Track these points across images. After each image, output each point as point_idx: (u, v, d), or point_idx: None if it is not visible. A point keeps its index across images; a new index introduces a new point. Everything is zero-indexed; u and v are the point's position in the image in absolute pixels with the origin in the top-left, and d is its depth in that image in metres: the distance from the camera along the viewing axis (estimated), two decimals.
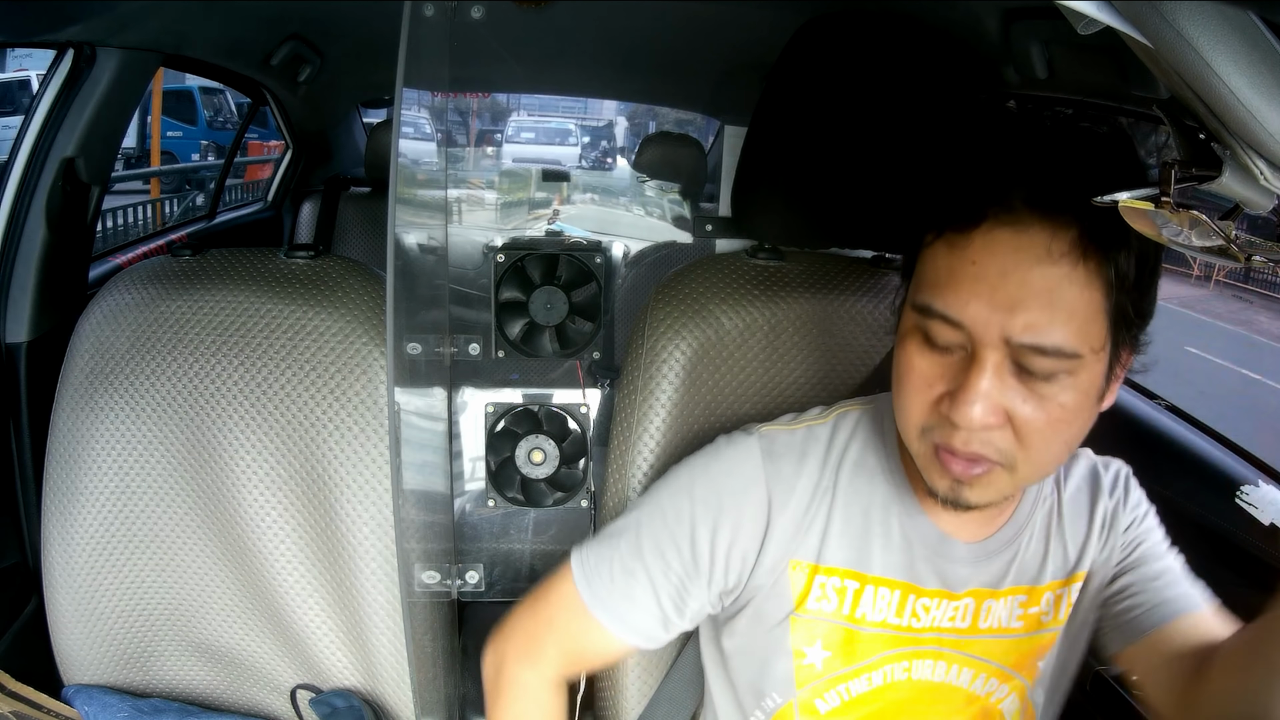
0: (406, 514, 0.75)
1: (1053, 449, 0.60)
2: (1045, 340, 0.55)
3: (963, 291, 0.57)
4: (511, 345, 1.16)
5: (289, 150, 2.34)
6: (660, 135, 2.27)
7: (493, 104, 4.84)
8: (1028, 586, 0.70)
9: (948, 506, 0.62)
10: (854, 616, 0.69)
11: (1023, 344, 0.55)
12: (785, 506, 0.69)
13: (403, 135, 0.68)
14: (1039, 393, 0.57)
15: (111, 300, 0.93)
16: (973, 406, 0.56)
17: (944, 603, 0.69)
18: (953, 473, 0.60)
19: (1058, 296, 0.55)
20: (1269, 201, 0.48)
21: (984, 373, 0.56)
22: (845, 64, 0.84)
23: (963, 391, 0.57)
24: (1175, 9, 0.36)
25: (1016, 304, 0.55)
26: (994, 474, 0.60)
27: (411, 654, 0.77)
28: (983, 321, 0.56)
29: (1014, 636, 0.70)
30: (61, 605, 0.93)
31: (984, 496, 0.61)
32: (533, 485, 1.18)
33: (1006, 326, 0.55)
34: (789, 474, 0.69)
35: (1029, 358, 0.56)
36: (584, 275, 1.16)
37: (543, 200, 2.27)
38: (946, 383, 0.59)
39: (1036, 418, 0.57)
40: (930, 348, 0.59)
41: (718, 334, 0.86)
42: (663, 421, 0.86)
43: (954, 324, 0.57)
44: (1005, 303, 0.55)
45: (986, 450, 0.58)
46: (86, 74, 1.07)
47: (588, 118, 9.26)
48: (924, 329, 0.60)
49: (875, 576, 0.69)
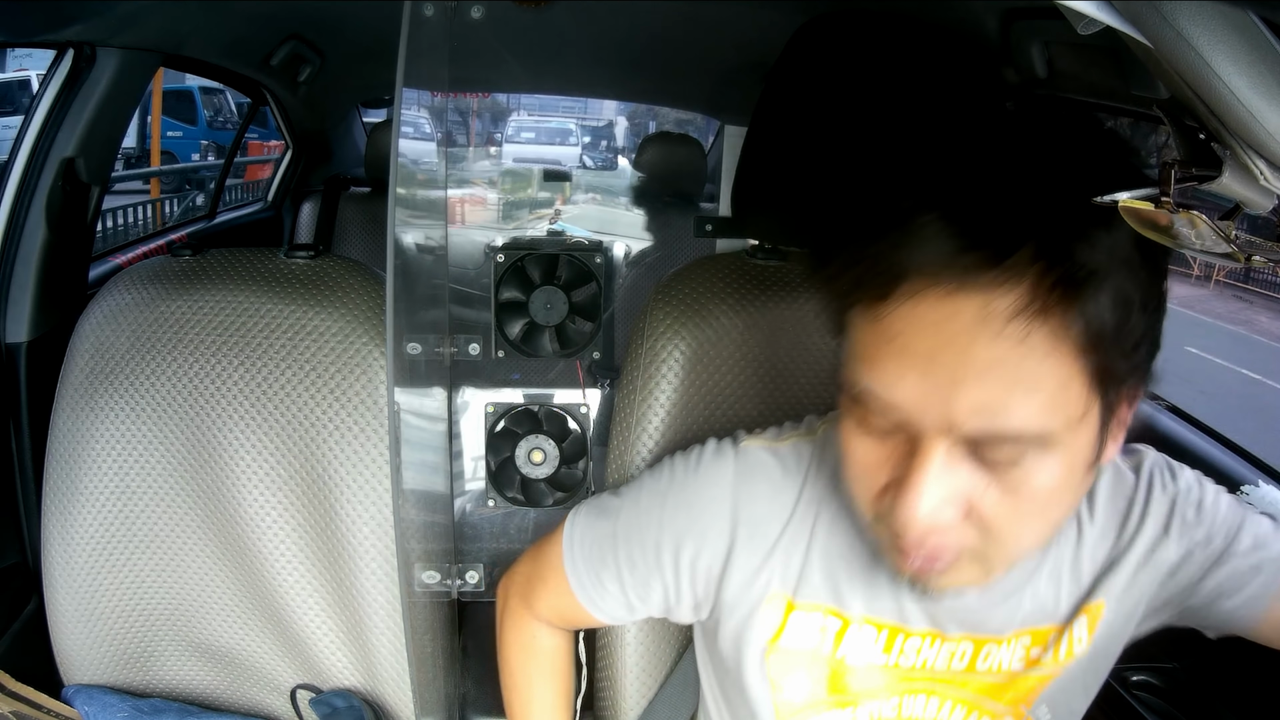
0: (406, 514, 0.75)
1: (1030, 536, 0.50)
2: (1001, 426, 0.44)
3: (890, 370, 0.46)
4: (511, 345, 1.16)
5: (289, 150, 2.34)
6: (660, 135, 2.27)
7: (493, 104, 4.84)
8: (1034, 629, 0.62)
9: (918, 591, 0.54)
10: (834, 656, 0.63)
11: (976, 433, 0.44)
12: (752, 531, 0.63)
13: (403, 135, 0.68)
14: (1005, 479, 0.46)
15: (111, 300, 0.93)
16: (918, 504, 0.46)
17: (937, 643, 0.62)
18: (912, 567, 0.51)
19: (1010, 371, 0.43)
20: (1269, 201, 0.48)
21: (928, 464, 0.45)
22: (845, 64, 0.84)
23: (905, 487, 0.46)
24: (1175, 9, 0.36)
25: (956, 384, 0.43)
26: (960, 565, 0.50)
27: (411, 654, 0.77)
28: (918, 405, 0.45)
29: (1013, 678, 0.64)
30: (61, 605, 0.93)
31: (955, 582, 0.52)
32: (533, 485, 1.18)
33: (948, 413, 0.44)
34: (762, 495, 0.64)
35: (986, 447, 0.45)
36: (584, 275, 1.16)
37: (544, 200, 2.27)
38: (890, 470, 0.48)
39: (1003, 509, 0.47)
40: (868, 431, 0.49)
41: (718, 334, 0.86)
42: (662, 421, 0.86)
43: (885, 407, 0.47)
44: (943, 384, 0.44)
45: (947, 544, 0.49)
46: (86, 74, 1.07)
47: (588, 117, 9.25)
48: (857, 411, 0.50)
49: (861, 616, 0.62)
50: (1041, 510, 0.48)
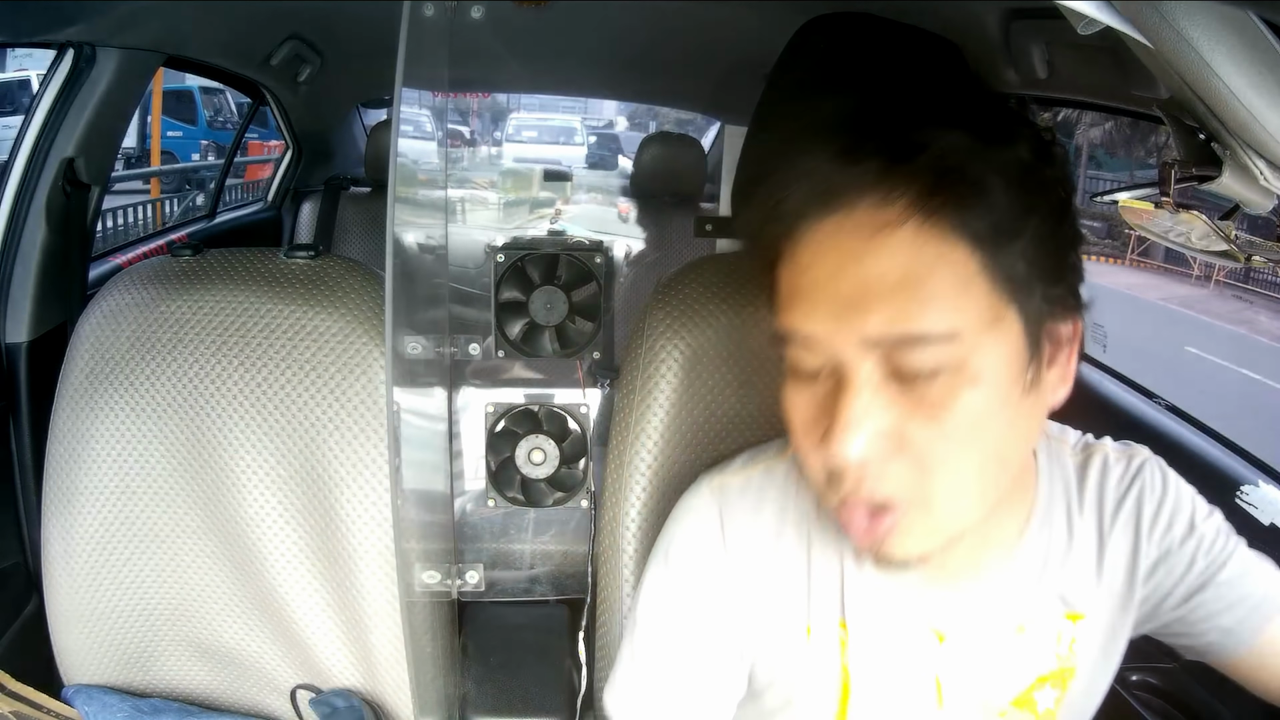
0: (406, 514, 0.75)
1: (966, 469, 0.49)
2: (911, 328, 0.46)
3: (804, 302, 0.49)
4: (511, 345, 1.16)
5: (289, 150, 2.34)
6: (660, 135, 2.27)
7: (493, 103, 4.83)
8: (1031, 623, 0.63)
9: (881, 567, 0.54)
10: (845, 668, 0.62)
11: (886, 338, 0.46)
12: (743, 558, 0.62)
13: (403, 135, 0.68)
14: (928, 401, 0.47)
15: (111, 300, 0.93)
16: (848, 435, 0.47)
17: (938, 644, 0.62)
18: (858, 534, 0.51)
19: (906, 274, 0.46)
20: (1269, 201, 0.48)
21: (852, 391, 0.47)
22: (845, 64, 0.84)
23: (835, 423, 0.48)
24: (1175, 9, 0.36)
25: (861, 297, 0.47)
26: (907, 520, 0.50)
27: (411, 654, 0.77)
28: (831, 329, 0.48)
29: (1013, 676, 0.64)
30: (61, 605, 0.93)
31: (908, 548, 0.51)
32: (533, 485, 1.18)
33: (860, 327, 0.47)
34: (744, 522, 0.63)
35: (902, 357, 0.47)
36: (584, 275, 1.16)
37: (545, 200, 2.27)
38: (825, 417, 0.49)
39: (930, 430, 0.47)
40: (801, 381, 0.51)
41: (718, 334, 0.86)
42: (662, 421, 0.86)
43: (808, 341, 0.49)
44: (849, 300, 0.47)
45: (883, 486, 0.49)
46: (86, 74, 1.07)
47: (588, 117, 9.22)
48: (790, 362, 0.52)
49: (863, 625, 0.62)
50: (971, 437, 0.48)
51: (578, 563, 1.17)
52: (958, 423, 0.47)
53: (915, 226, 0.46)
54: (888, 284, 0.46)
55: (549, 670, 1.01)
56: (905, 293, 0.46)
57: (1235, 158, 0.43)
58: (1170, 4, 0.36)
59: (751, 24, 1.16)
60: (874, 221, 0.47)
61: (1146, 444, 0.66)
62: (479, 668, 1.02)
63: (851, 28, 0.86)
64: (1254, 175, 0.42)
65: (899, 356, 0.47)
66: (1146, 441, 0.66)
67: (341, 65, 1.83)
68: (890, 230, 0.46)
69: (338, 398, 0.89)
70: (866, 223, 0.47)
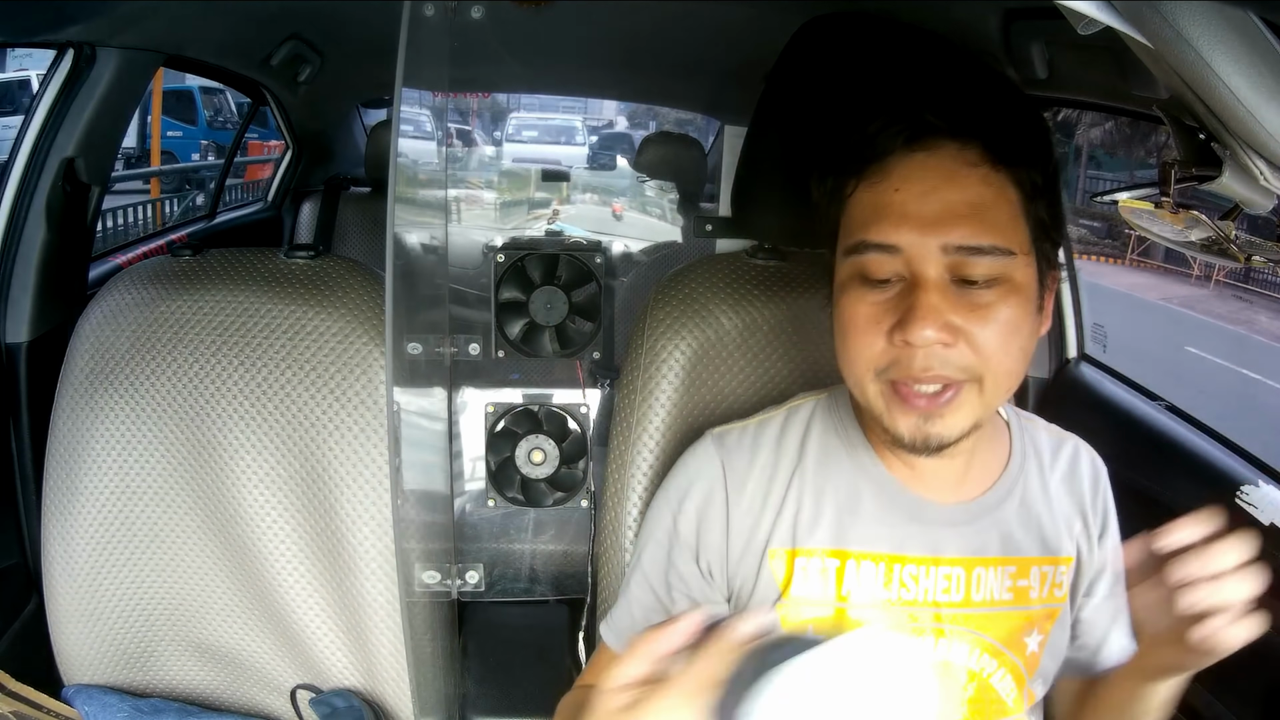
0: (406, 514, 0.75)
1: (1010, 358, 0.61)
2: (979, 240, 0.58)
3: (893, 216, 0.60)
4: (511, 345, 1.16)
5: (289, 150, 2.34)
6: (660, 135, 2.27)
7: (493, 103, 4.83)
8: (1016, 558, 0.70)
9: (917, 450, 0.62)
10: (841, 595, 0.68)
11: (961, 246, 0.58)
12: (741, 493, 0.71)
13: (402, 135, 0.68)
14: (981, 303, 0.59)
15: (111, 300, 0.93)
16: (924, 320, 0.58)
17: (931, 570, 0.68)
18: (918, 408, 0.61)
19: (980, 201, 0.59)
20: (1269, 201, 0.49)
21: (928, 289, 0.59)
22: (845, 65, 0.84)
23: (911, 311, 0.58)
24: (1175, 9, 0.36)
25: (945, 214, 0.59)
26: (963, 394, 0.61)
27: (411, 654, 0.77)
28: (918, 239, 0.59)
29: (1004, 609, 0.70)
30: (61, 605, 0.93)
31: (954, 424, 0.61)
32: (533, 485, 1.18)
33: (942, 235, 0.58)
34: (742, 465, 0.71)
35: (967, 264, 0.59)
36: (584, 275, 1.16)
37: (542, 200, 2.27)
38: (893, 315, 0.60)
39: (984, 328, 0.59)
40: (869, 287, 0.61)
41: (718, 334, 0.86)
42: (662, 421, 0.86)
43: (890, 249, 0.60)
44: (934, 216, 0.59)
45: (948, 370, 0.60)
46: (86, 74, 1.07)
47: (588, 117, 9.19)
48: (860, 270, 0.62)
49: (856, 552, 0.68)
50: (1009, 333, 0.60)
51: (578, 563, 1.17)
52: (1002, 321, 0.60)
53: (986, 169, 0.59)
54: (966, 206, 0.59)
55: (549, 670, 1.01)
56: (976, 215, 0.59)
57: (1235, 158, 0.43)
58: (1170, 4, 0.36)
59: (751, 24, 1.16)
60: (955, 160, 0.59)
61: (1146, 444, 0.67)
62: (479, 668, 1.02)
63: (851, 28, 0.86)
64: (1254, 175, 0.42)
65: (964, 265, 0.59)
66: (1147, 441, 0.67)
67: (341, 65, 1.82)
68: (968, 169, 0.59)
69: (338, 398, 0.89)
70: (949, 160, 0.59)
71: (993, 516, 0.69)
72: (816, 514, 0.69)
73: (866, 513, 0.69)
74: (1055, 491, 0.72)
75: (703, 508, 0.71)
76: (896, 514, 0.68)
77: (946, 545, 0.68)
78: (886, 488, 0.69)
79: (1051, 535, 0.71)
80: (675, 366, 0.85)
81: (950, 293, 0.59)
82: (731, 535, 0.71)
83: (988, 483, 0.70)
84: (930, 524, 0.68)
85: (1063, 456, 0.74)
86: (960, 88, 0.62)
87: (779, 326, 0.87)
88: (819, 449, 0.71)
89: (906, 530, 0.68)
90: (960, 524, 0.69)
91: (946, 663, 0.69)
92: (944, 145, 0.60)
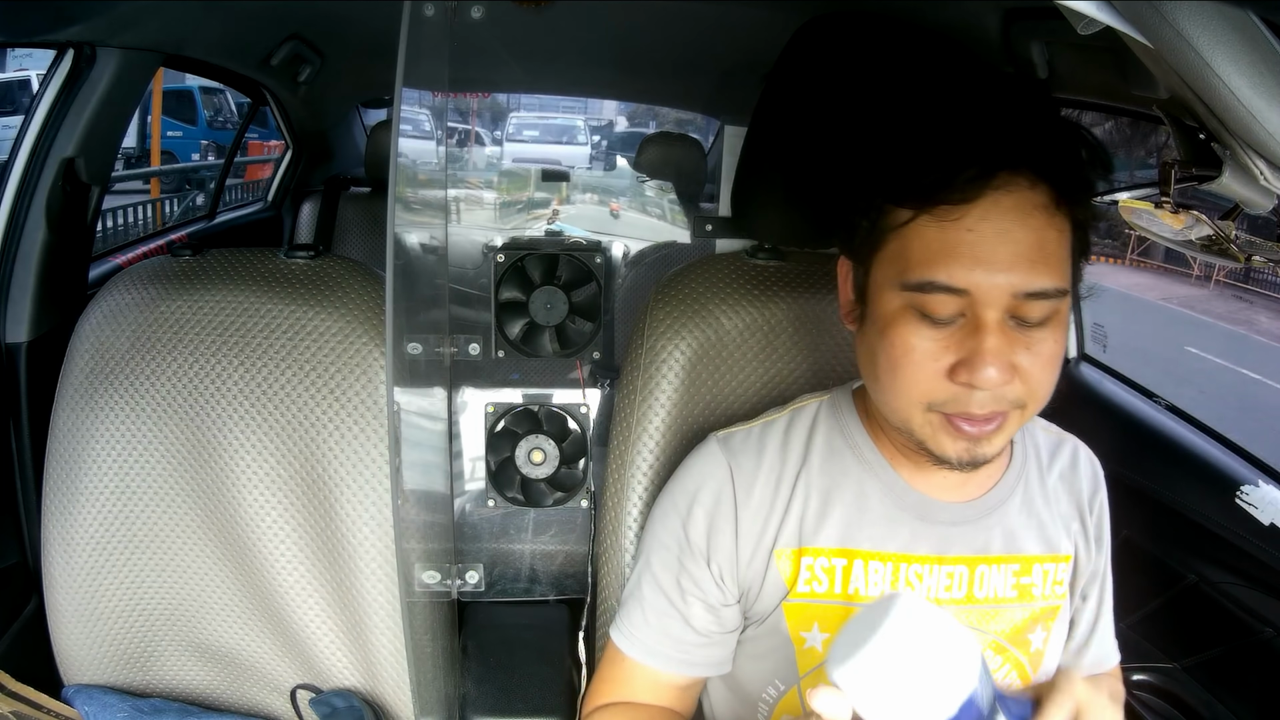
0: (406, 514, 0.75)
1: (1050, 385, 0.63)
2: (1044, 284, 0.58)
3: (964, 259, 0.59)
4: (511, 345, 1.16)
5: (289, 150, 2.34)
6: (660, 135, 2.27)
7: (493, 103, 4.82)
8: (1019, 556, 0.71)
9: (961, 468, 0.64)
10: (847, 593, 0.69)
11: (1028, 293, 0.58)
12: (749, 495, 0.71)
13: (403, 135, 0.68)
14: (1033, 339, 0.60)
15: (111, 300, 0.93)
16: (989, 368, 0.58)
17: (936, 569, 0.69)
18: (968, 434, 0.61)
19: (1044, 243, 0.59)
20: (1269, 201, 0.49)
21: (992, 331, 0.59)
22: (845, 64, 0.84)
23: (978, 357, 0.59)
24: (1175, 9, 0.36)
25: (1016, 258, 0.58)
26: (1009, 419, 0.62)
27: (411, 654, 0.77)
28: (987, 283, 0.58)
29: (1009, 606, 0.71)
30: (61, 605, 0.93)
31: (998, 444, 0.63)
32: (533, 485, 1.18)
33: (1012, 282, 0.58)
34: (749, 466, 0.72)
35: (1027, 308, 0.59)
36: (584, 275, 1.16)
37: (542, 200, 2.27)
38: (953, 354, 0.60)
39: (1036, 363, 0.60)
40: (928, 324, 0.61)
41: (718, 334, 0.86)
42: (662, 421, 0.86)
43: (957, 292, 0.59)
44: (1006, 260, 0.58)
45: (1003, 405, 0.61)
46: (86, 74, 1.07)
47: (588, 117, 9.15)
48: (919, 306, 0.61)
49: (864, 551, 0.69)
50: (1052, 365, 0.61)
51: (578, 563, 1.17)
52: (1049, 355, 0.61)
53: (1053, 209, 0.59)
54: (1034, 251, 0.58)
55: (549, 670, 1.01)
56: (1042, 259, 0.58)
57: (1235, 158, 0.43)
58: (1170, 4, 0.36)
59: (751, 24, 1.16)
60: (1028, 201, 0.58)
61: (1146, 444, 0.67)
62: (479, 668, 1.02)
63: (852, 27, 0.86)
64: (1254, 175, 0.42)
65: (1024, 306, 0.59)
66: (1147, 441, 0.67)
67: (341, 65, 1.82)
68: (1039, 210, 0.59)
69: (338, 398, 0.89)
70: (1023, 201, 0.58)
71: (996, 515, 0.71)
72: (824, 514, 0.70)
73: (874, 512, 0.70)
74: (1055, 490, 0.73)
75: (712, 512, 0.72)
76: (904, 513, 0.69)
77: (952, 544, 0.69)
78: (894, 488, 0.70)
79: (1052, 533, 0.72)
80: (675, 366, 0.85)
81: (1010, 333, 0.59)
82: (741, 538, 0.71)
83: (991, 482, 0.71)
84: (937, 523, 0.69)
85: (1062, 455, 0.75)
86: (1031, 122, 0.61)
87: (779, 326, 0.87)
88: (824, 450, 0.72)
89: (914, 529, 0.69)
90: (965, 522, 0.70)
91: None
92: (1018, 184, 0.58)
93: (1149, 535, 1.00)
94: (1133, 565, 0.98)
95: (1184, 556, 0.97)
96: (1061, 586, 0.72)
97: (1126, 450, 1.04)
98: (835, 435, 0.72)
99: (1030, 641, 0.71)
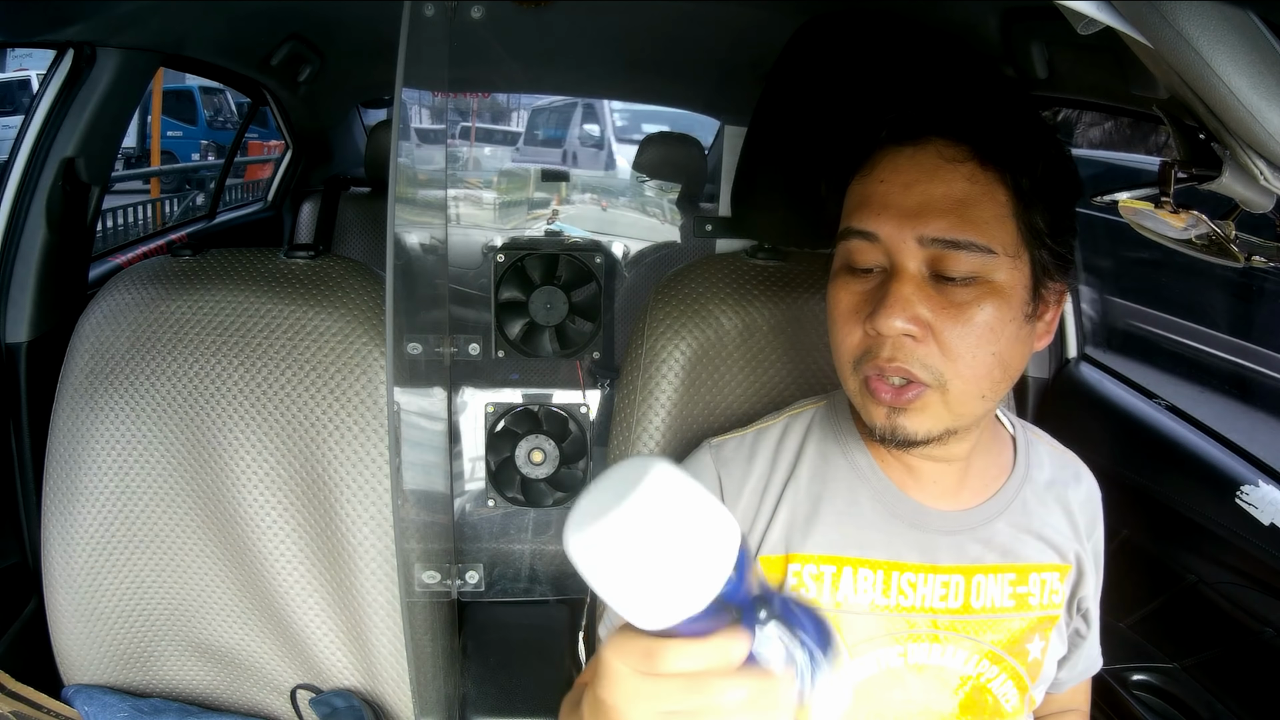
0: (406, 514, 0.75)
1: (980, 363, 0.60)
2: (954, 234, 0.58)
3: (874, 205, 0.61)
4: (511, 345, 1.16)
5: (289, 150, 2.34)
6: (660, 135, 2.27)
7: (493, 104, 4.81)
8: (1015, 565, 0.70)
9: (886, 441, 0.62)
10: (836, 602, 0.68)
11: (938, 239, 0.58)
12: (736, 503, 0.71)
13: (403, 135, 0.68)
14: (956, 301, 0.59)
15: (111, 300, 0.93)
16: (891, 310, 0.58)
17: (930, 577, 0.68)
18: (884, 400, 0.61)
19: (963, 198, 0.59)
20: (1269, 201, 0.48)
21: (902, 280, 0.59)
22: (845, 64, 0.84)
23: (882, 301, 0.59)
24: (1175, 9, 0.36)
25: (925, 206, 0.59)
26: (926, 396, 0.60)
27: (411, 654, 0.77)
28: (895, 229, 0.59)
29: (1006, 616, 0.70)
30: (61, 605, 0.93)
31: (921, 424, 0.61)
32: (533, 485, 1.18)
33: (919, 227, 0.59)
34: (738, 474, 0.72)
35: (946, 259, 0.59)
36: (584, 275, 1.16)
37: (542, 200, 2.27)
38: (871, 304, 0.61)
39: (956, 327, 0.59)
40: (853, 276, 0.63)
41: (718, 334, 0.86)
42: (663, 421, 0.86)
43: (869, 236, 0.61)
44: (914, 207, 0.59)
45: (911, 365, 0.59)
46: (86, 74, 1.07)
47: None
48: (846, 258, 0.63)
49: (854, 558, 0.68)
50: (984, 337, 0.59)
51: None
52: (976, 323, 0.59)
53: (973, 166, 0.59)
54: (947, 201, 0.58)
55: (549, 670, 1.01)
56: (957, 211, 0.58)
57: (1235, 158, 0.43)
58: (1170, 4, 0.36)
59: (751, 24, 1.16)
60: (942, 155, 0.59)
61: (1146, 444, 0.67)
62: (479, 668, 1.02)
63: (851, 27, 0.87)
64: (1254, 175, 0.42)
65: (942, 260, 0.59)
66: (1147, 441, 0.67)
67: (341, 65, 1.82)
68: (955, 164, 0.59)
69: (338, 398, 0.89)
70: (936, 155, 0.60)
71: (991, 525, 0.69)
72: (813, 520, 0.69)
73: (865, 519, 0.68)
74: (1054, 508, 0.72)
75: None
76: (895, 521, 0.68)
77: (945, 553, 0.68)
78: (885, 494, 0.69)
79: (1050, 545, 0.71)
80: (675, 366, 0.85)
81: (926, 287, 0.59)
82: None
83: (988, 492, 0.70)
84: (929, 531, 0.68)
85: (1064, 476, 0.74)
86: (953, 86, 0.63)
87: (779, 326, 0.87)
88: (817, 455, 0.71)
89: (905, 537, 0.68)
90: (960, 531, 0.69)
91: (940, 667, 0.69)
92: (931, 141, 0.60)
93: (1149, 535, 1.00)
94: (1132, 565, 0.98)
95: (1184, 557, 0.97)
96: (1059, 595, 0.71)
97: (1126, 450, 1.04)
98: (829, 441, 0.71)
99: (1028, 651, 0.70)
